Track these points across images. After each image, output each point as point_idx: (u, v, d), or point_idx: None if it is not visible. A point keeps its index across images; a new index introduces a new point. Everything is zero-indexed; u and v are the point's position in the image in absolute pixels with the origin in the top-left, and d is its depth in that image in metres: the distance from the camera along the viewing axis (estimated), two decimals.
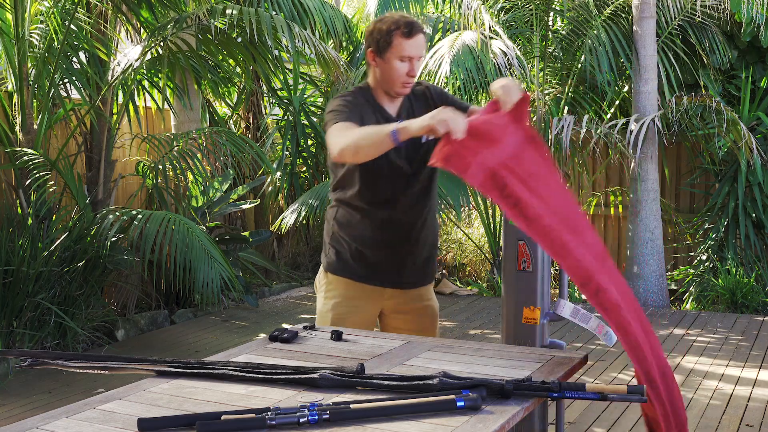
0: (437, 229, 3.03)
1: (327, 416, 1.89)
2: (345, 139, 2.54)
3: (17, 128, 5.82)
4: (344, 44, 8.23)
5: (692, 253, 7.89)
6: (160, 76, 6.53)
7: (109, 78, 6.40)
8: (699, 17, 7.47)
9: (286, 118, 8.16)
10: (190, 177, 6.63)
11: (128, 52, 6.31)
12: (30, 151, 5.67)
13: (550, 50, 7.86)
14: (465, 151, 2.29)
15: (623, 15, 7.52)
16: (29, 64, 5.85)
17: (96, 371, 2.38)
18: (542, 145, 2.51)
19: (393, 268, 2.89)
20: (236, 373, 2.27)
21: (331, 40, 7.82)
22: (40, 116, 5.89)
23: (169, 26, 5.87)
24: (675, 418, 2.25)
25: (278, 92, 8.19)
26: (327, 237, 2.96)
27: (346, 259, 2.89)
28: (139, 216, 5.77)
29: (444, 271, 8.29)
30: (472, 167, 2.28)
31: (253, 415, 1.88)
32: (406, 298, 2.96)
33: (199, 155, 6.39)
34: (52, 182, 5.86)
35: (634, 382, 2.28)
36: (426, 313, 3.00)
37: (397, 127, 2.39)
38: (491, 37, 7.17)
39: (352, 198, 2.85)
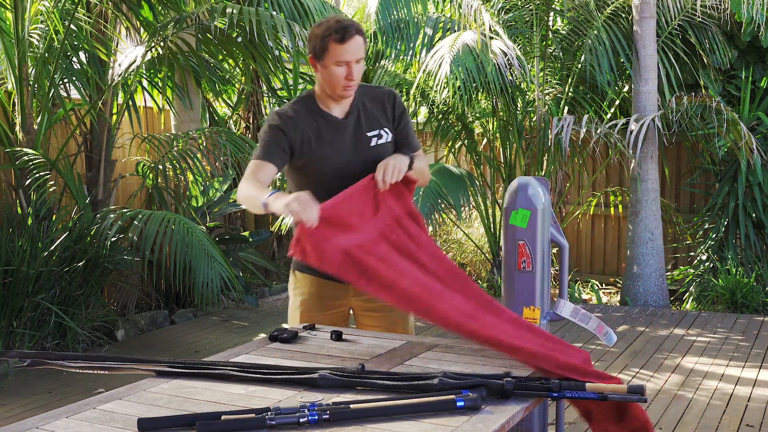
0: None
1: (327, 416, 1.89)
2: (240, 192, 2.69)
3: (17, 128, 5.82)
4: None
5: (692, 253, 7.89)
6: (160, 76, 6.53)
7: (109, 78, 6.40)
8: (699, 17, 7.47)
9: None
10: (190, 177, 6.62)
11: (129, 53, 6.31)
12: (30, 151, 5.66)
13: (550, 50, 7.86)
14: (319, 239, 2.40)
15: (623, 15, 7.52)
16: (29, 64, 5.85)
17: (96, 371, 2.38)
18: (419, 218, 2.68)
19: None
20: (236, 373, 2.27)
21: None
22: (40, 116, 5.89)
23: (169, 26, 5.87)
24: (568, 356, 2.28)
25: (278, 92, 8.18)
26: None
27: None
28: (139, 216, 5.77)
29: None
30: (327, 254, 2.39)
31: (253, 415, 1.88)
32: (372, 296, 2.94)
33: (199, 155, 6.39)
34: (52, 182, 5.86)
35: (635, 382, 2.29)
36: (395, 309, 2.95)
37: (266, 201, 2.51)
38: (491, 37, 7.17)
39: None
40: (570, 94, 7.85)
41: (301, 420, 1.87)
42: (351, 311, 3.01)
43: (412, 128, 2.96)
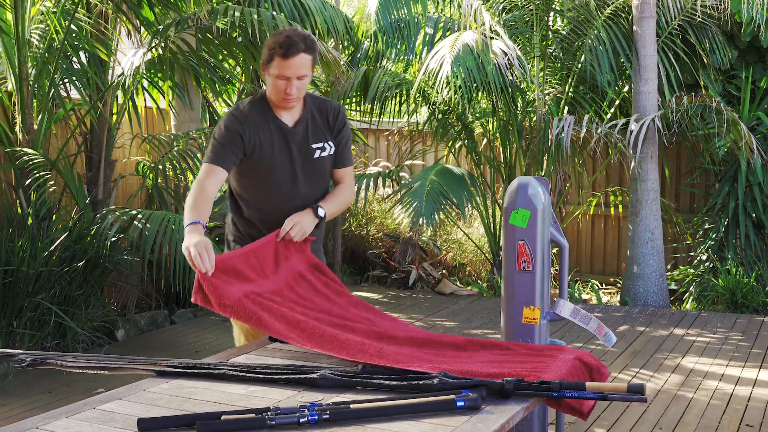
0: (323, 227, 3.12)
1: (327, 416, 1.89)
2: (188, 198, 2.78)
3: (17, 128, 5.82)
4: (345, 44, 8.23)
5: (692, 253, 7.89)
6: (160, 75, 6.53)
7: (109, 78, 6.40)
8: (699, 17, 7.47)
9: None
10: (190, 177, 6.62)
11: (130, 55, 6.30)
12: (30, 151, 5.66)
13: (550, 50, 7.86)
14: (215, 286, 2.52)
15: (623, 15, 7.52)
16: (29, 64, 5.85)
17: (96, 371, 2.38)
18: (323, 267, 2.88)
19: None
20: (236, 373, 2.27)
21: (332, 40, 7.82)
22: (40, 116, 5.89)
23: (171, 27, 5.87)
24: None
25: None
26: (230, 237, 3.07)
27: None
28: (139, 216, 5.77)
29: (444, 271, 8.29)
30: (223, 299, 2.50)
31: (253, 415, 1.88)
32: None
33: (199, 155, 6.39)
34: (52, 182, 5.85)
35: (635, 381, 2.29)
36: None
37: (185, 228, 2.66)
38: (492, 37, 7.17)
39: (248, 204, 2.99)
40: (570, 94, 7.85)
41: (301, 420, 1.87)
42: None
43: (349, 145, 3.11)
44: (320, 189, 3.03)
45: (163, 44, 6.01)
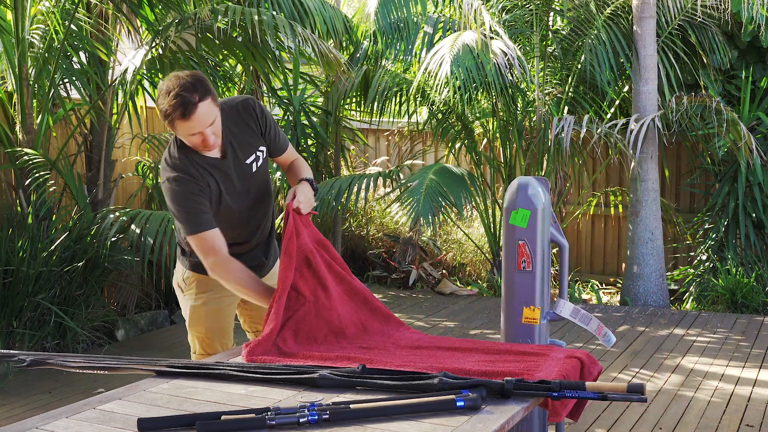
0: (272, 222, 3.11)
1: (327, 416, 1.89)
2: (224, 274, 2.76)
3: (17, 128, 5.82)
4: (345, 44, 8.23)
5: (692, 253, 7.89)
6: (161, 76, 6.52)
7: (110, 78, 6.39)
8: (699, 17, 7.47)
9: (286, 118, 8.15)
10: None
11: (131, 56, 6.30)
12: (30, 151, 5.66)
13: (550, 50, 7.86)
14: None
15: (623, 15, 7.52)
16: (29, 64, 5.85)
17: (96, 371, 2.38)
18: (327, 243, 2.88)
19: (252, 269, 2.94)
20: (236, 373, 2.27)
21: (331, 40, 7.82)
22: (40, 116, 5.89)
23: (171, 27, 5.87)
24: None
25: (278, 92, 8.18)
26: (186, 246, 3.01)
27: None
28: (139, 216, 5.77)
29: (444, 271, 8.29)
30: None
31: (253, 415, 1.88)
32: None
33: None
34: (52, 182, 5.85)
35: (635, 381, 2.29)
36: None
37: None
38: (491, 37, 7.16)
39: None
40: (570, 94, 7.85)
41: (301, 420, 1.87)
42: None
43: (277, 127, 2.97)
44: (267, 194, 2.99)
45: (163, 44, 6.01)
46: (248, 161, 2.87)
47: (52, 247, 5.41)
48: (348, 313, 2.74)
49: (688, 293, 7.46)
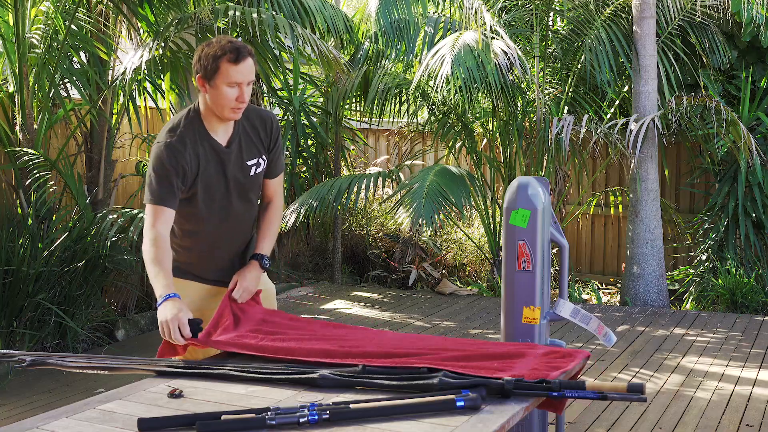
0: (251, 228, 3.08)
1: (327, 416, 1.89)
2: (148, 246, 2.70)
3: (17, 128, 5.82)
4: (345, 44, 8.23)
5: (692, 253, 7.89)
6: (162, 76, 6.52)
7: (110, 78, 6.39)
8: (699, 17, 7.47)
9: (286, 118, 8.15)
10: None
11: (131, 56, 6.30)
12: (30, 151, 5.67)
13: (550, 50, 7.86)
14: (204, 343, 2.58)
15: (623, 15, 7.52)
16: (29, 64, 5.85)
17: (96, 371, 2.38)
18: (275, 313, 2.87)
19: (227, 276, 2.93)
20: (236, 373, 2.28)
21: (332, 40, 7.82)
22: (41, 116, 5.89)
23: (171, 27, 5.87)
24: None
25: (278, 92, 8.18)
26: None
27: (187, 265, 2.95)
28: (140, 216, 5.77)
29: (444, 271, 8.29)
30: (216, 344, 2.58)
31: (253, 415, 1.88)
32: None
33: None
34: (52, 182, 5.85)
35: (635, 381, 2.29)
36: (268, 298, 3.04)
37: (161, 301, 2.58)
38: (492, 37, 7.17)
39: (182, 232, 2.92)
40: (570, 94, 7.85)
41: (301, 420, 1.87)
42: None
43: (282, 152, 3.03)
44: (253, 204, 2.98)
45: (163, 44, 6.01)
46: (249, 162, 2.88)
47: (52, 247, 5.41)
48: (329, 332, 2.74)
49: (688, 293, 7.46)
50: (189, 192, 2.81)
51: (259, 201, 3.07)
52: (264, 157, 2.92)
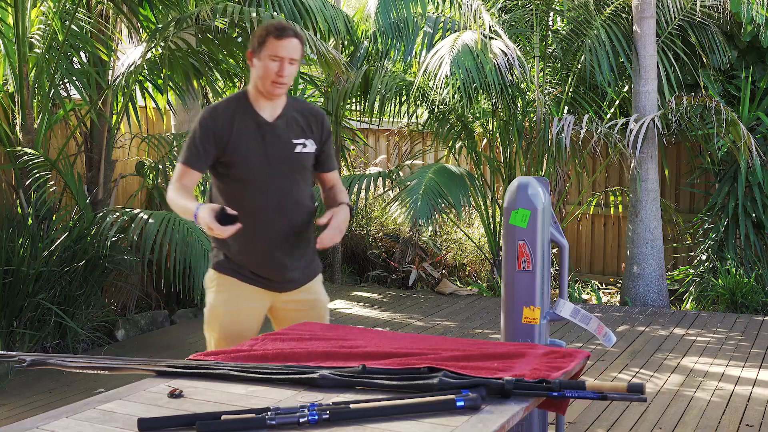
0: (311, 232, 3.08)
1: (327, 416, 1.89)
2: (170, 199, 2.91)
3: (17, 128, 5.82)
4: (345, 44, 8.22)
5: (692, 253, 7.89)
6: (162, 76, 6.52)
7: (110, 78, 6.39)
8: (699, 17, 7.47)
9: None
10: None
11: (129, 54, 6.30)
12: (30, 151, 5.66)
13: (550, 50, 7.86)
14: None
15: (623, 15, 7.52)
16: (30, 65, 5.85)
17: (96, 371, 2.38)
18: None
19: (272, 272, 2.98)
20: (236, 373, 2.27)
21: (332, 39, 7.82)
22: (41, 116, 5.89)
23: (170, 26, 5.87)
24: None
25: None
26: (214, 241, 3.03)
27: (232, 261, 2.99)
28: (140, 216, 5.77)
29: (444, 271, 8.29)
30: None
31: (253, 415, 1.88)
32: (294, 296, 3.06)
33: None
34: (52, 182, 5.85)
35: (635, 381, 2.29)
36: (317, 307, 3.10)
37: (196, 213, 2.74)
38: (491, 37, 7.16)
39: (232, 204, 2.93)
40: (570, 94, 7.85)
41: (301, 420, 1.87)
42: (267, 313, 3.12)
43: (333, 149, 3.16)
44: (299, 183, 2.99)
45: (162, 43, 6.01)
46: (296, 141, 2.97)
47: (52, 247, 5.41)
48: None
49: (688, 293, 7.46)
50: (228, 165, 2.91)
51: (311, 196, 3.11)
52: (312, 141, 3.00)
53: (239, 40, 6.10)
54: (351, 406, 1.93)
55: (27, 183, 5.68)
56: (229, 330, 3.01)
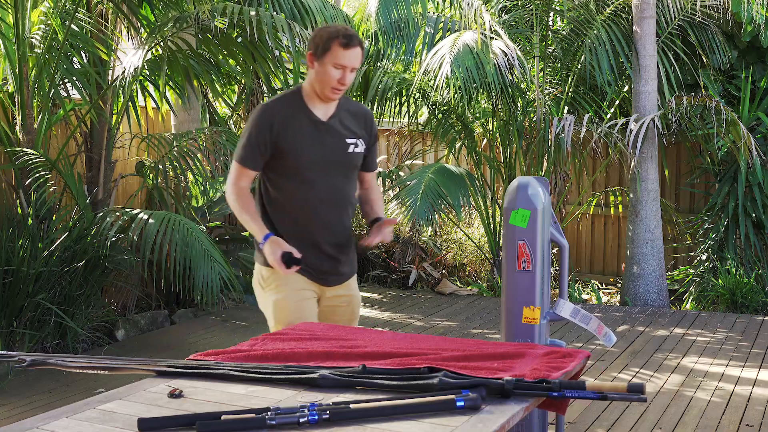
0: (351, 227, 3.19)
1: (327, 416, 1.89)
2: (233, 199, 2.97)
3: (17, 128, 5.82)
4: None
5: (692, 253, 7.89)
6: (163, 76, 6.52)
7: (110, 78, 6.39)
8: (699, 17, 7.47)
9: None
10: (190, 177, 6.62)
11: (131, 55, 6.30)
12: (30, 151, 5.66)
13: (550, 50, 7.86)
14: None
15: (623, 15, 7.52)
16: (30, 65, 5.85)
17: (96, 371, 2.38)
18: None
19: (329, 267, 3.06)
20: (236, 373, 2.27)
21: None
22: (41, 116, 5.88)
23: (169, 25, 5.87)
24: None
25: (278, 92, 8.18)
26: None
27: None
28: (140, 216, 5.76)
29: (444, 271, 8.28)
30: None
31: (253, 415, 1.88)
32: (336, 291, 3.12)
33: (199, 155, 6.39)
34: (52, 182, 5.85)
35: (635, 381, 2.29)
36: (352, 303, 3.17)
37: (263, 245, 2.90)
38: (492, 37, 7.17)
39: (286, 201, 3.02)
40: (570, 94, 7.85)
41: (301, 420, 1.87)
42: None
43: (375, 155, 3.23)
44: (352, 182, 3.08)
45: (162, 43, 6.01)
46: (348, 140, 3.02)
47: (52, 247, 5.41)
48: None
49: (688, 293, 7.46)
50: (282, 163, 2.94)
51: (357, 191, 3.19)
52: (362, 141, 3.06)
53: (239, 40, 6.10)
54: (351, 406, 1.93)
55: (27, 183, 5.68)
56: (298, 320, 3.03)
